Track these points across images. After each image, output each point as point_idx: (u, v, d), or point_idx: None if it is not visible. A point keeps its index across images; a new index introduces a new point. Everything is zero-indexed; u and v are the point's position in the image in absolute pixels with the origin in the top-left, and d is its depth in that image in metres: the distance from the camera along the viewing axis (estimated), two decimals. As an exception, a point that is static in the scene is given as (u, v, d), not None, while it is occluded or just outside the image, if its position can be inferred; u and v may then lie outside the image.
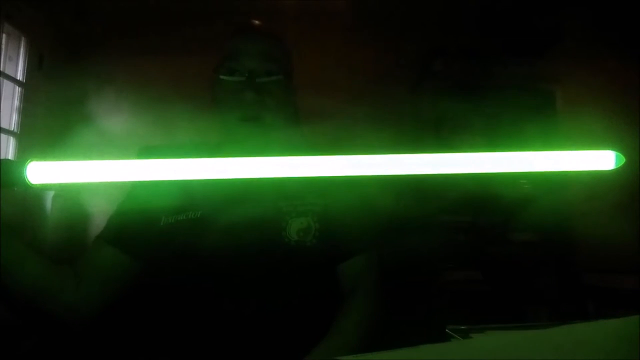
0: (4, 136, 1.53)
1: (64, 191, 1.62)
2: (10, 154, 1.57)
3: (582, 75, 2.02)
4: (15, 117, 1.60)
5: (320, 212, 0.91)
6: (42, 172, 0.51)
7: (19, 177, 0.51)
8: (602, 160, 0.56)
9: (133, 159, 0.96)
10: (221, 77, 0.90)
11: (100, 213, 0.96)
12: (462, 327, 0.54)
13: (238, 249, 0.86)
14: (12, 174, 0.52)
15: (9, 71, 1.57)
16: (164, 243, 0.89)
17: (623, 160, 0.56)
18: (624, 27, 1.94)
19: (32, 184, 0.51)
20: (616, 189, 1.61)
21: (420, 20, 2.02)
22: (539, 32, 1.97)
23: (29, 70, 1.64)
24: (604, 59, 1.99)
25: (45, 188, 1.54)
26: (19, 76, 1.62)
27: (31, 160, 0.51)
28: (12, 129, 1.59)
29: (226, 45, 0.94)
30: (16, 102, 1.60)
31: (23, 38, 1.63)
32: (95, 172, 0.51)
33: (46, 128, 1.69)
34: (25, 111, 1.62)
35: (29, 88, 1.64)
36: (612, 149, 0.56)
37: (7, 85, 1.56)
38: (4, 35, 1.49)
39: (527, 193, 1.83)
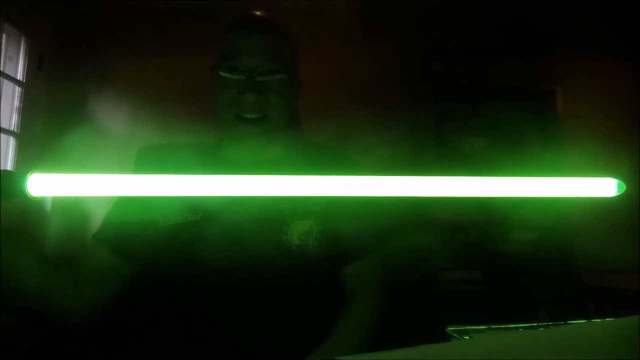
0: (4, 136, 1.53)
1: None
2: (10, 153, 1.57)
3: (582, 75, 2.03)
4: (15, 117, 1.60)
5: (322, 213, 0.89)
6: (43, 185, 0.51)
7: (19, 189, 0.51)
8: (604, 187, 0.57)
9: (132, 158, 0.97)
10: (221, 74, 0.86)
11: (99, 213, 0.95)
12: (462, 327, 0.54)
13: (238, 252, 0.84)
14: (12, 185, 0.52)
15: (9, 71, 1.56)
16: (162, 246, 0.87)
17: (624, 187, 0.56)
18: (624, 27, 1.94)
19: (33, 197, 0.51)
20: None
21: (420, 20, 2.01)
22: (539, 32, 1.97)
23: (29, 70, 1.64)
24: (604, 60, 1.99)
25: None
26: (19, 76, 1.62)
27: (32, 172, 0.51)
28: (12, 129, 1.59)
29: (225, 39, 0.89)
30: (16, 102, 1.60)
31: (23, 38, 1.63)
32: (96, 185, 0.51)
33: (46, 128, 1.68)
34: (25, 111, 1.62)
35: (29, 88, 1.64)
36: (613, 177, 0.57)
37: (7, 85, 1.56)
38: (4, 35, 1.49)
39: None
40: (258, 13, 0.95)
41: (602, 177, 0.57)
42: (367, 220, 0.90)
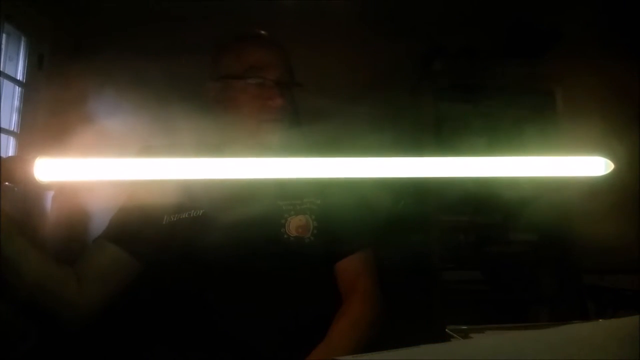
0: (4, 136, 1.53)
1: (64, 190, 1.62)
2: (10, 154, 1.57)
3: (582, 75, 2.03)
4: (15, 117, 1.60)
5: (318, 210, 0.93)
6: (50, 170, 0.51)
7: (27, 174, 0.51)
8: (593, 166, 0.58)
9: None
10: (251, 82, 0.96)
11: (100, 213, 0.96)
12: (462, 327, 0.54)
13: (239, 245, 0.87)
14: (20, 170, 0.52)
15: (9, 71, 1.56)
16: (166, 241, 0.91)
17: (612, 166, 0.57)
18: (624, 27, 1.94)
19: (41, 182, 0.50)
20: (614, 190, 1.61)
21: (420, 20, 2.01)
22: (539, 32, 1.97)
23: (29, 70, 1.64)
24: (604, 59, 1.99)
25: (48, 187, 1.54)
26: (19, 76, 1.62)
27: (39, 157, 0.50)
28: (12, 129, 1.59)
29: (248, 52, 0.99)
30: (16, 102, 1.60)
31: (23, 38, 1.63)
32: (103, 170, 0.51)
33: (46, 128, 1.68)
34: (25, 111, 1.62)
35: (29, 88, 1.63)
36: (602, 156, 0.57)
37: (7, 85, 1.56)
38: (4, 35, 1.49)
39: (526, 193, 1.83)
40: (264, 32, 1.09)
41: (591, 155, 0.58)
42: (363, 216, 0.96)
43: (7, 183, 0.56)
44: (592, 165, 0.58)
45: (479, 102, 1.99)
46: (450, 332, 0.54)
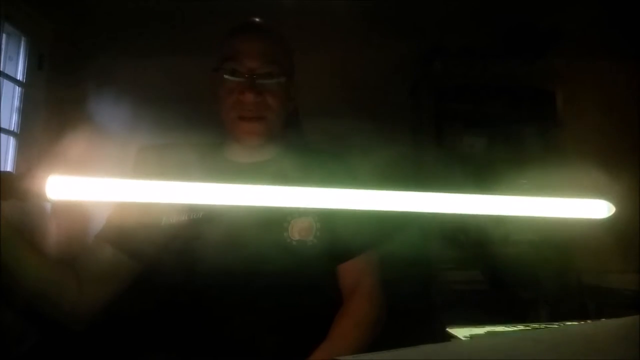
0: (4, 136, 1.53)
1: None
2: (10, 153, 1.57)
3: (582, 75, 2.03)
4: (15, 117, 1.60)
5: (321, 212, 0.91)
6: (61, 187, 0.49)
7: (37, 192, 0.49)
8: (595, 209, 0.58)
9: (132, 158, 0.97)
10: (224, 76, 0.90)
11: (100, 214, 0.96)
12: (462, 327, 0.55)
13: (239, 249, 0.86)
14: (29, 189, 0.51)
15: (9, 71, 1.56)
16: (165, 243, 0.89)
17: (614, 210, 0.58)
18: (624, 27, 1.94)
19: (51, 199, 0.49)
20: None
21: (420, 20, 2.01)
22: (539, 32, 1.97)
23: (29, 70, 1.64)
24: (604, 60, 1.99)
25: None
26: (19, 76, 1.62)
27: (51, 175, 0.49)
28: (12, 129, 1.59)
29: (226, 44, 0.94)
30: (16, 102, 1.60)
31: (23, 38, 1.63)
32: (115, 189, 0.49)
33: (46, 128, 1.68)
34: (25, 111, 1.62)
35: (29, 88, 1.64)
36: (604, 198, 0.58)
37: (7, 85, 1.56)
38: (4, 35, 1.49)
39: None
40: (257, 20, 1.00)
41: (595, 196, 0.58)
42: (365, 218, 0.91)
43: (15, 200, 0.55)
44: (594, 208, 0.58)
45: (479, 102, 1.99)
46: (450, 332, 0.54)
